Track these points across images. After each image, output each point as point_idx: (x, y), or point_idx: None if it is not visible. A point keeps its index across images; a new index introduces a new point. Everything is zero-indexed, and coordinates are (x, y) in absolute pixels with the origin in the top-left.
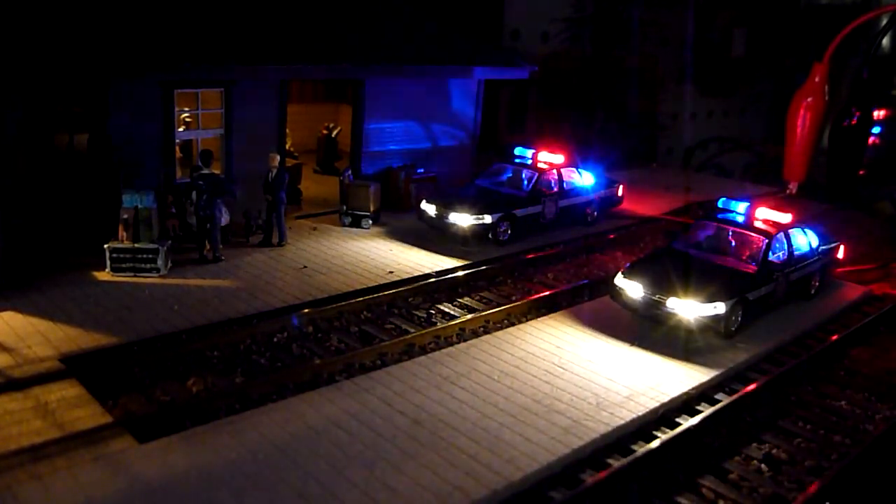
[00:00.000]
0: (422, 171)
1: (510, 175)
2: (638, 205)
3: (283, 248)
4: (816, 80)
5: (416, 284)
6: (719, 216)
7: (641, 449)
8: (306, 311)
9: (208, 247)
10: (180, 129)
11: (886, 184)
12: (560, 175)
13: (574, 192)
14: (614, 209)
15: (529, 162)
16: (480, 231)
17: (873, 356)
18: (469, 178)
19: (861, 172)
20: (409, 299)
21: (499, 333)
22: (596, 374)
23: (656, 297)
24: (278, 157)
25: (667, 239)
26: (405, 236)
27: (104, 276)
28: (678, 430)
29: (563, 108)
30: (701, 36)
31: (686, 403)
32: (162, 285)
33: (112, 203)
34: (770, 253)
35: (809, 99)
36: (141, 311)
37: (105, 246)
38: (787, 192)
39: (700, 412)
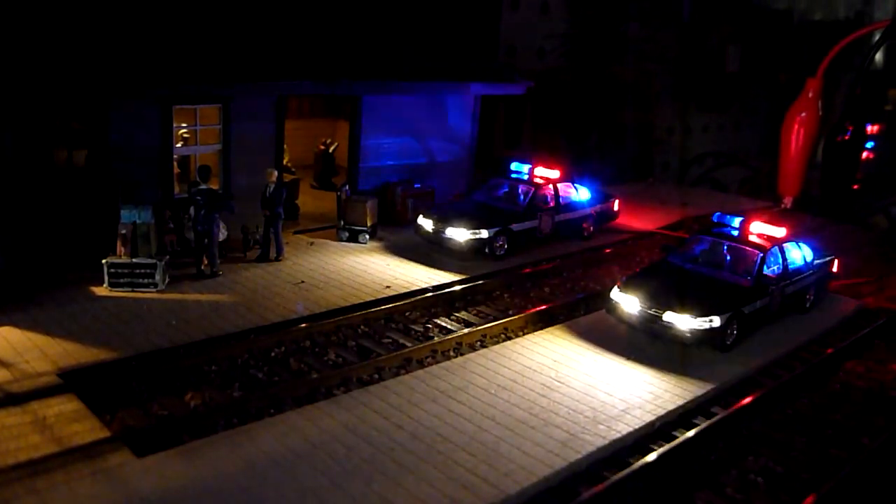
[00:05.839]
0: (418, 186)
1: (507, 190)
2: (634, 219)
3: (281, 262)
4: (810, 95)
5: (413, 299)
6: (714, 230)
7: (638, 462)
8: (304, 325)
9: (206, 262)
10: (178, 145)
11: (880, 198)
12: (556, 190)
13: (570, 206)
14: (610, 224)
15: (526, 177)
16: (477, 246)
17: (868, 369)
18: (465, 193)
19: (855, 187)
20: (407, 314)
21: (496, 347)
22: (592, 388)
23: (652, 311)
24: (276, 173)
25: (663, 253)
26: (402, 251)
27: (102, 291)
28: (674, 443)
29: (560, 124)
30: (696, 52)
31: (682, 417)
32: (160, 300)
33: (110, 218)
34: (765, 267)
35: (803, 114)
36: (139, 326)
37: (103, 261)
38: (782, 206)
39: (696, 425)
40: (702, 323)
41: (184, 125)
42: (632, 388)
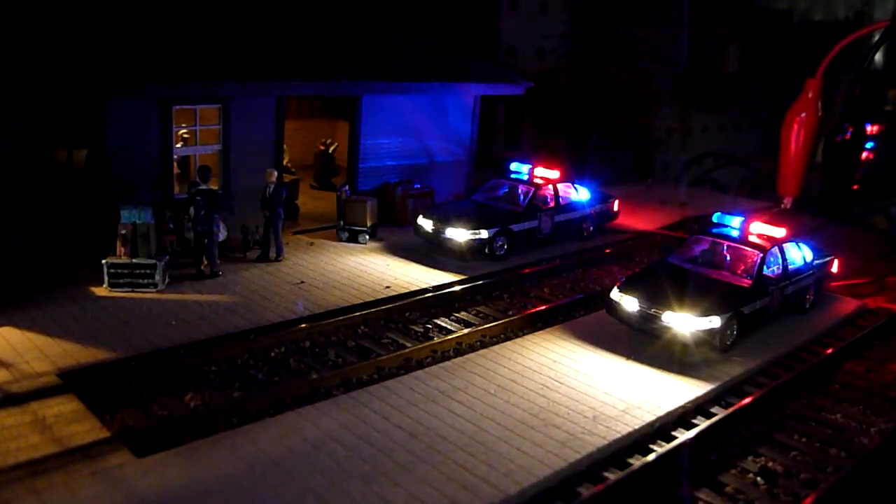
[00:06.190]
0: (418, 186)
1: (506, 190)
2: (633, 220)
3: (281, 263)
4: (810, 95)
5: (412, 299)
6: (714, 231)
7: (638, 462)
8: (304, 325)
9: (206, 262)
10: (178, 145)
11: (880, 198)
12: (556, 190)
13: (570, 207)
14: (610, 224)
15: (525, 177)
16: (477, 246)
17: (868, 369)
18: (465, 194)
19: (855, 187)
20: (406, 314)
21: (495, 348)
22: (592, 388)
23: (652, 311)
24: (276, 173)
25: (662, 253)
26: (402, 251)
27: (102, 291)
28: (674, 443)
29: (559, 124)
30: (696, 52)
31: (682, 417)
32: (160, 300)
33: (110, 218)
34: (765, 267)
35: (803, 114)
36: (138, 327)
37: (103, 261)
38: (782, 206)
39: (696, 425)
40: (701, 323)
41: (183, 125)
42: (631, 389)
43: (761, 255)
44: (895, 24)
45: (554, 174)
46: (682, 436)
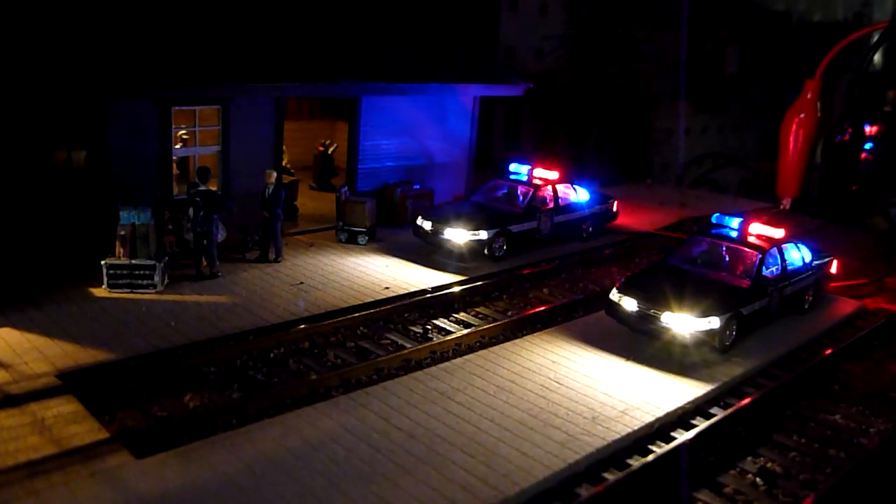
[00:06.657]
0: (418, 187)
1: (505, 191)
2: (633, 220)
3: (280, 264)
4: (809, 96)
5: (412, 300)
6: (713, 231)
7: (637, 463)
8: (303, 326)
9: (205, 263)
10: (177, 146)
11: (879, 199)
12: (555, 191)
13: (569, 207)
14: (609, 225)
15: (525, 178)
16: (476, 247)
17: (867, 370)
18: (465, 195)
19: (854, 188)
20: (406, 315)
21: (495, 348)
22: (591, 389)
23: (651, 312)
24: (275, 174)
25: (661, 254)
26: (401, 252)
27: (101, 292)
28: (673, 444)
29: (559, 125)
30: (695, 53)
31: (681, 418)
32: (159, 301)
33: (109, 219)
34: (764, 268)
35: (802, 115)
36: (138, 327)
37: (102, 262)
38: (781, 207)
39: (695, 426)
40: (700, 324)
41: (183, 126)
42: (631, 389)
43: (760, 255)
44: (894, 24)
45: (553, 175)
46: (682, 437)
